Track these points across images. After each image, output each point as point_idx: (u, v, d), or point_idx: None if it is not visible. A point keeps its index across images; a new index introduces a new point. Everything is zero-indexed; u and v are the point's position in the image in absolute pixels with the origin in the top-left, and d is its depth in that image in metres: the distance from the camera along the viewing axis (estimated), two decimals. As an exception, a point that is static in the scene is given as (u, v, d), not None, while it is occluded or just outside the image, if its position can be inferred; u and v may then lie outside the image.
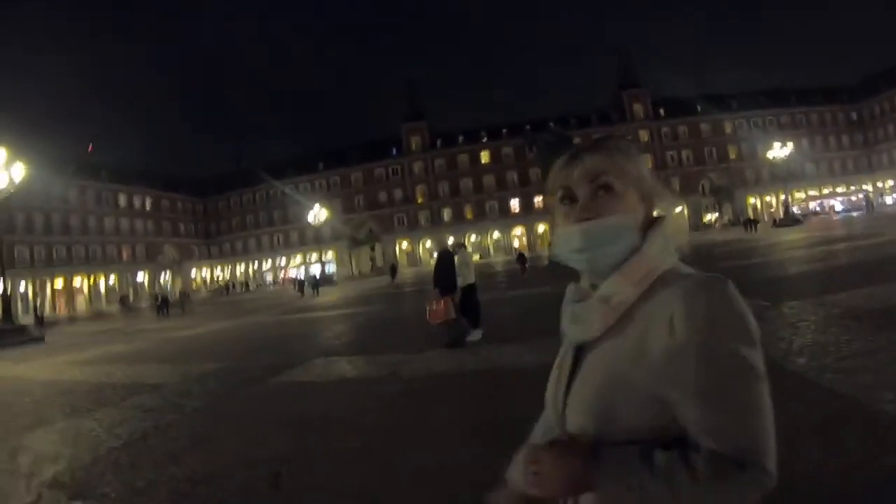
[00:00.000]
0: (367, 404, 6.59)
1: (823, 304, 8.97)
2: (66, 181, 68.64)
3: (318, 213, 58.08)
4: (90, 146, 74.16)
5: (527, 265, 32.49)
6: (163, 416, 7.01)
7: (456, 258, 10.58)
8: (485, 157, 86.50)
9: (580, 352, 1.13)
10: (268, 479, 4.42)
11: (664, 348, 0.94)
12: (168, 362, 11.79)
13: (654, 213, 1.13)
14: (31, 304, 60.34)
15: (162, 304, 33.20)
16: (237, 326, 20.65)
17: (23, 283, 63.70)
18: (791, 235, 34.81)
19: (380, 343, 11.37)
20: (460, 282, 10.37)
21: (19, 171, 23.03)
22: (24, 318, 41.10)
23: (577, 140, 1.22)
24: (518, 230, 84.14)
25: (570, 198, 1.11)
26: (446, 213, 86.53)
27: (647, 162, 1.17)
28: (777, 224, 55.43)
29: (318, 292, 42.79)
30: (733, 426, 0.90)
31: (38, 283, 66.00)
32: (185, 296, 45.28)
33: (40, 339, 23.00)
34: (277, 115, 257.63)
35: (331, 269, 76.98)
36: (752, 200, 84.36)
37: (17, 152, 23.21)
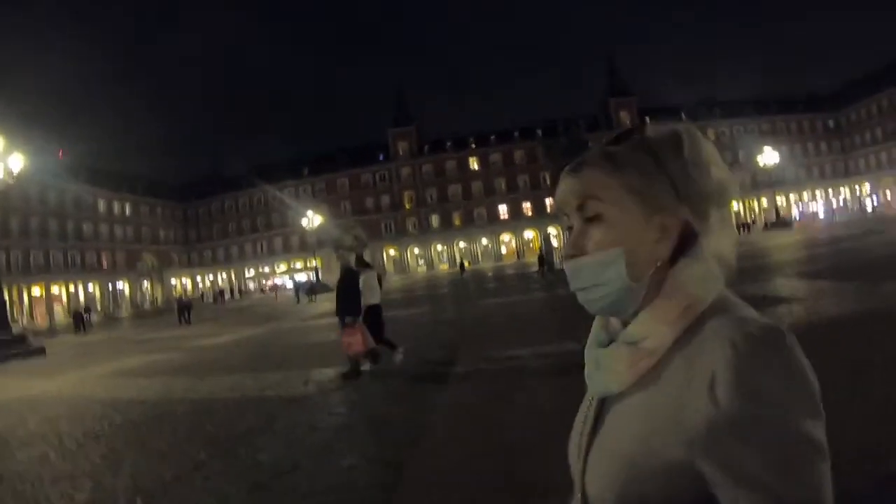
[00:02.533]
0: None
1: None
2: (45, 183, 63.84)
3: (311, 219, 58.65)
4: (60, 151, 69.11)
5: (545, 268, 31.41)
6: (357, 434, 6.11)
7: (361, 279, 9.75)
8: (473, 163, 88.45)
9: (604, 404, 0.96)
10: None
11: (705, 416, 0.77)
12: (240, 371, 10.99)
13: (698, 223, 0.91)
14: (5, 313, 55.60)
15: (182, 309, 32.26)
16: (270, 332, 20.08)
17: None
18: (788, 237, 36.26)
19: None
20: (366, 301, 9.68)
21: (17, 162, 21.27)
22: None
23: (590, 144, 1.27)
24: (506, 237, 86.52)
25: (568, 225, 0.97)
26: (434, 220, 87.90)
27: (693, 151, 0.91)
28: (768, 227, 58.23)
29: (314, 299, 43.73)
30: None
31: (13, 290, 62.02)
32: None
33: (41, 352, 21.33)
34: (259, 119, 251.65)
35: (301, 277, 73.53)
36: (735, 206, 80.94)
37: (12, 143, 21.49)
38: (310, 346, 13.89)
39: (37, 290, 66.39)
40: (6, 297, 58.52)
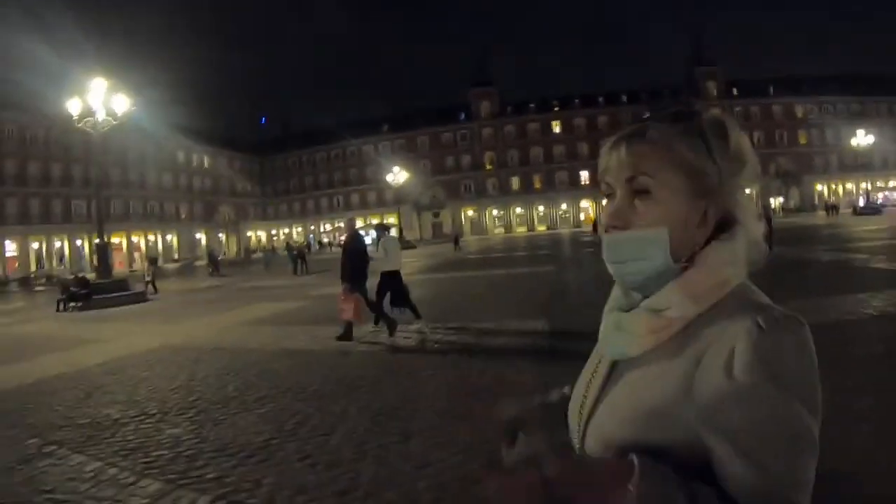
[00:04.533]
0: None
1: None
2: (126, 133, 63.03)
3: (396, 175, 53.95)
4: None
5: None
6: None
7: (379, 243, 9.89)
8: (556, 126, 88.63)
9: (616, 366, 1.00)
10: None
11: (717, 388, 0.82)
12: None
13: (734, 211, 0.95)
14: (86, 262, 58.46)
15: (296, 258, 31.32)
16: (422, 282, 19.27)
17: (78, 241, 63.40)
18: (881, 223, 34.96)
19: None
20: (381, 267, 9.73)
21: (122, 103, 21.17)
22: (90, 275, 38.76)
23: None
24: (585, 203, 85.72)
25: (609, 194, 0.99)
26: (515, 182, 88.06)
27: (736, 141, 0.94)
28: (857, 212, 56.26)
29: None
30: (773, 497, 0.77)
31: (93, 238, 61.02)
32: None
33: (143, 297, 21.57)
34: (340, 76, 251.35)
35: (393, 233, 71.69)
36: (819, 187, 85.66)
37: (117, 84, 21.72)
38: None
39: (116, 239, 66.52)
40: (84, 246, 58.40)
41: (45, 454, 4.95)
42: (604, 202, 1.00)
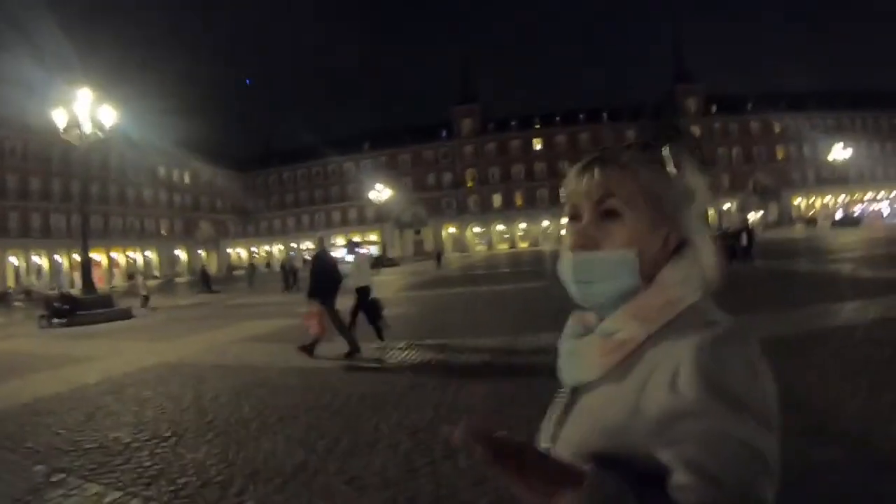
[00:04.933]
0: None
1: None
2: (105, 148, 61.71)
3: (380, 192, 58.16)
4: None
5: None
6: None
7: (352, 262, 10.42)
8: (537, 143, 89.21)
9: (576, 390, 1.02)
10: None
11: (663, 404, 0.82)
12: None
13: (689, 236, 0.98)
14: (65, 278, 58.46)
15: (288, 275, 31.39)
16: (405, 299, 19.34)
17: (57, 256, 62.53)
18: (860, 234, 36.34)
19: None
20: (353, 284, 10.16)
21: (109, 115, 20.37)
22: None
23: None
24: None
25: (574, 216, 1.00)
26: (496, 199, 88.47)
27: (692, 177, 0.98)
28: (835, 224, 58.01)
29: (379, 272, 43.67)
30: None
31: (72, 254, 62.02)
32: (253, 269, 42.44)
33: (128, 314, 20.67)
34: (320, 94, 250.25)
35: (373, 251, 71.69)
36: (796, 201, 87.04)
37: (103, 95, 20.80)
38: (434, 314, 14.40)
39: (95, 255, 65.30)
40: (63, 262, 57.14)
41: (54, 483, 4.51)
42: (563, 221, 1.02)
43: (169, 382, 8.30)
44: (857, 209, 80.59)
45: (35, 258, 59.97)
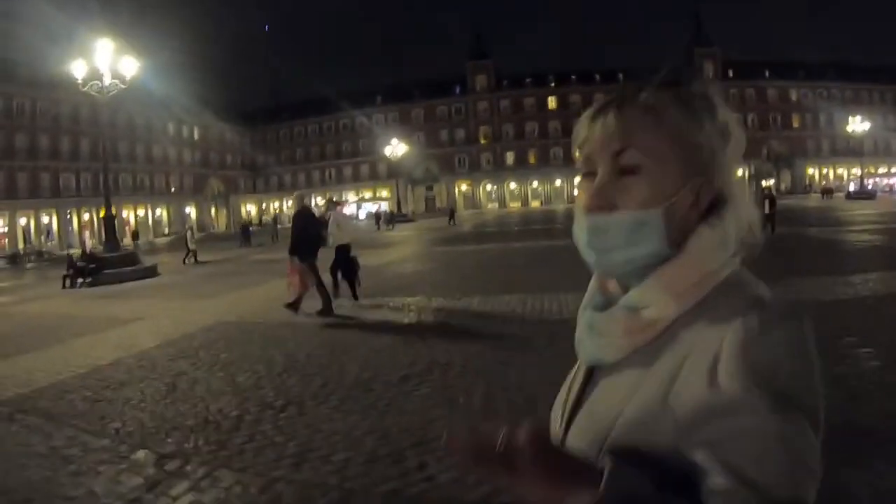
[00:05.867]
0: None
1: None
2: (116, 104, 60.57)
3: (395, 147, 58.02)
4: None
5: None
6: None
7: (329, 218, 10.50)
8: (552, 102, 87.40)
9: (594, 370, 0.90)
10: None
11: (698, 398, 0.72)
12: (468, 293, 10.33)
13: (725, 189, 0.84)
14: (76, 236, 58.11)
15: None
16: (414, 256, 20.41)
17: (68, 213, 61.55)
18: (876, 207, 35.53)
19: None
20: (332, 242, 10.30)
21: (130, 66, 19.78)
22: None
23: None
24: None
25: (589, 170, 0.85)
26: (509, 157, 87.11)
27: (726, 116, 0.84)
28: (850, 196, 57.17)
29: (392, 227, 44.16)
30: None
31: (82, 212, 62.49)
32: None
33: (153, 272, 19.98)
34: (333, 47, 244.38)
35: (384, 206, 71.19)
36: (810, 171, 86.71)
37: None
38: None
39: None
40: (72, 219, 56.42)
41: (174, 474, 3.88)
42: (577, 181, 0.90)
43: (243, 343, 7.95)
44: (869, 182, 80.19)
45: (45, 218, 59.63)
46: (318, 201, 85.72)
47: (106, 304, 13.14)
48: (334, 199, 11.35)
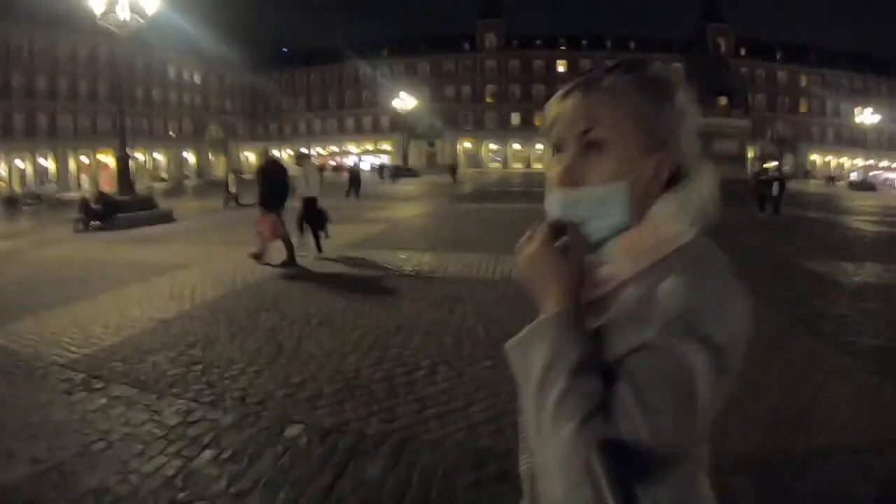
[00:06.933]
0: None
1: None
2: (113, 46, 58.14)
3: (405, 100, 56.74)
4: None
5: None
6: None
7: (301, 170, 10.66)
8: (561, 65, 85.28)
9: None
10: None
11: (630, 338, 0.81)
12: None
13: (684, 162, 0.91)
14: (74, 179, 57.62)
15: (353, 180, 29.07)
16: (438, 211, 20.30)
17: (66, 156, 61.07)
18: (878, 199, 36.26)
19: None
20: (302, 193, 10.41)
21: (152, 1, 18.64)
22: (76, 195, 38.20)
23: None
24: None
25: (557, 147, 0.94)
26: (514, 118, 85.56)
27: (681, 94, 0.91)
28: (853, 187, 57.83)
29: (397, 181, 44.34)
30: (659, 446, 0.75)
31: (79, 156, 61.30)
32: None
33: (170, 217, 19.15)
34: None
35: (387, 160, 70.31)
36: (812, 157, 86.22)
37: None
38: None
39: (103, 157, 63.78)
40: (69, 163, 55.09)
41: (364, 453, 3.33)
42: (549, 156, 0.97)
43: (325, 294, 7.46)
44: (869, 175, 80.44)
45: (41, 160, 58.22)
46: (318, 151, 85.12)
47: (134, 249, 12.20)
48: (304, 152, 11.52)
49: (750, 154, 74.81)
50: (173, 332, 5.89)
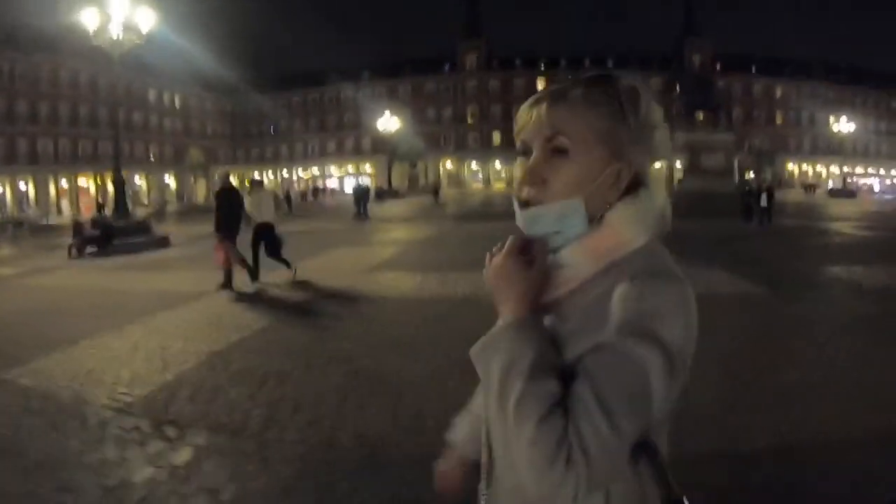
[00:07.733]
0: None
1: None
2: (95, 70, 57.16)
3: (388, 121, 52.19)
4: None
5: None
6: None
7: (255, 198, 10.31)
8: (541, 84, 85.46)
9: None
10: None
11: (589, 337, 0.86)
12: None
13: (642, 173, 0.97)
14: (53, 204, 56.46)
15: (360, 200, 29.58)
16: (449, 232, 19.65)
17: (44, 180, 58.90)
18: (858, 205, 36.47)
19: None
20: (255, 220, 10.11)
21: (148, 18, 18.13)
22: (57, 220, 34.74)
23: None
24: None
25: (524, 152, 1.00)
26: (496, 138, 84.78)
27: (647, 108, 0.96)
28: (832, 194, 58.07)
29: (383, 202, 43.91)
30: (610, 443, 0.79)
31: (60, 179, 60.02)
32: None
33: (166, 242, 18.60)
34: (319, 19, 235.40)
35: (366, 182, 69.54)
36: (790, 166, 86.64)
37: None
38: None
39: (83, 181, 63.06)
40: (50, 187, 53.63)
41: None
42: (517, 162, 1.01)
43: (378, 320, 7.03)
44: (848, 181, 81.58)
45: (22, 185, 56.71)
46: (299, 174, 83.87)
47: (140, 276, 11.63)
48: (257, 180, 11.52)
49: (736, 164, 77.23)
50: (234, 367, 5.28)
